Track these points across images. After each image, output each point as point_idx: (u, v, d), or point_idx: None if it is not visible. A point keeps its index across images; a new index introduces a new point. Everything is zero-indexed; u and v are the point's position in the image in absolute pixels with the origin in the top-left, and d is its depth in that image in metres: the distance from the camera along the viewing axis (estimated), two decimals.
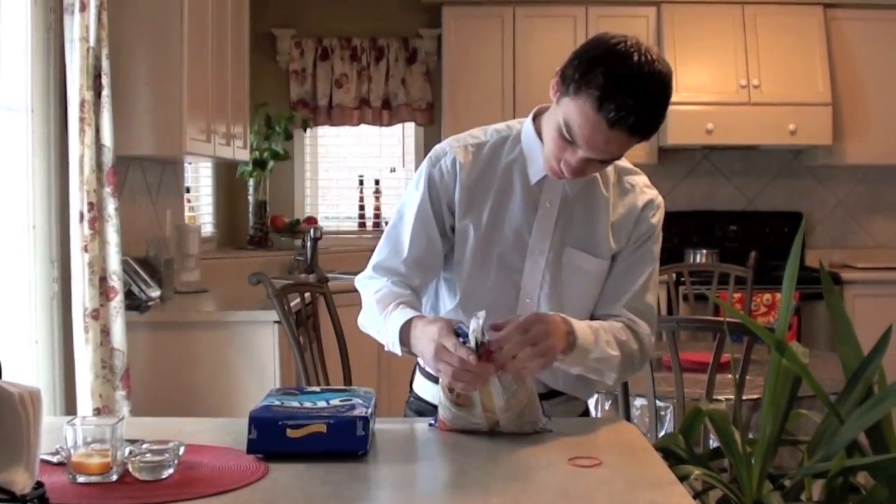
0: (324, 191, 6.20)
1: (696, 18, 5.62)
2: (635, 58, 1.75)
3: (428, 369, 2.06)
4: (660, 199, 2.07)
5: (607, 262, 2.01)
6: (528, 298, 2.00)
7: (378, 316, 1.95)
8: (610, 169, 2.02)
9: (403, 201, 2.07)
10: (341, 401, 1.75)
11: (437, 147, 2.06)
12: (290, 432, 1.63)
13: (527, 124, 2.01)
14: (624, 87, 1.73)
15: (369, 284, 2.05)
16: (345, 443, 1.64)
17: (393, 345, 1.89)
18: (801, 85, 5.51)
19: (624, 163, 2.06)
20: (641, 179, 2.07)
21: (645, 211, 2.02)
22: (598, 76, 1.75)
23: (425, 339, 1.78)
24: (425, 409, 2.09)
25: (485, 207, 2.00)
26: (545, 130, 1.93)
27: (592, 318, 2.00)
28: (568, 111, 1.80)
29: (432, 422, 1.86)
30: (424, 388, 2.16)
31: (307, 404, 1.72)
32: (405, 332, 1.86)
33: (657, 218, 2.04)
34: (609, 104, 1.73)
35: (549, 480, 1.55)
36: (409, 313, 1.88)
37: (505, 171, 2.00)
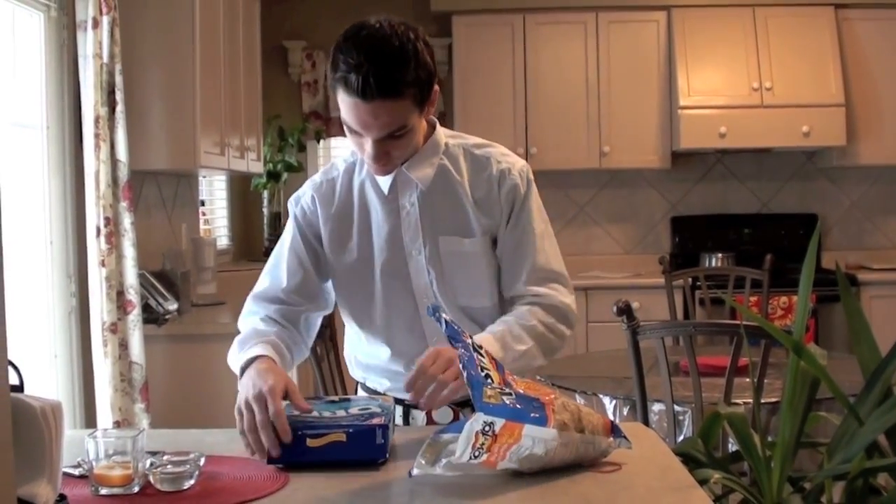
0: None
1: (706, 22, 5.61)
2: (362, 32, 1.83)
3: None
4: (520, 165, 2.06)
5: (482, 238, 2.02)
6: (425, 298, 2.03)
7: (237, 353, 1.93)
8: (458, 151, 2.06)
9: (280, 242, 2.15)
10: (359, 409, 1.75)
11: (298, 191, 2.14)
12: (309, 442, 1.63)
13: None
14: (356, 60, 1.79)
15: (243, 327, 2.07)
16: (364, 451, 1.64)
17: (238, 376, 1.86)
18: (814, 86, 5.49)
19: (473, 139, 2.10)
20: (495, 151, 2.08)
21: (504, 180, 2.03)
22: (337, 64, 1.82)
23: (257, 379, 1.74)
24: None
25: (352, 232, 2.06)
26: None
27: (502, 298, 2.05)
28: (340, 108, 1.87)
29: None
30: None
31: (326, 414, 1.73)
32: (245, 369, 1.83)
33: (523, 184, 2.04)
34: (351, 79, 1.79)
35: (569, 486, 1.54)
36: (260, 350, 1.87)
37: (359, 192, 2.06)
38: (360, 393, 2.20)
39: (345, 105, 1.85)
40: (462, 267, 2.03)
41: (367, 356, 2.15)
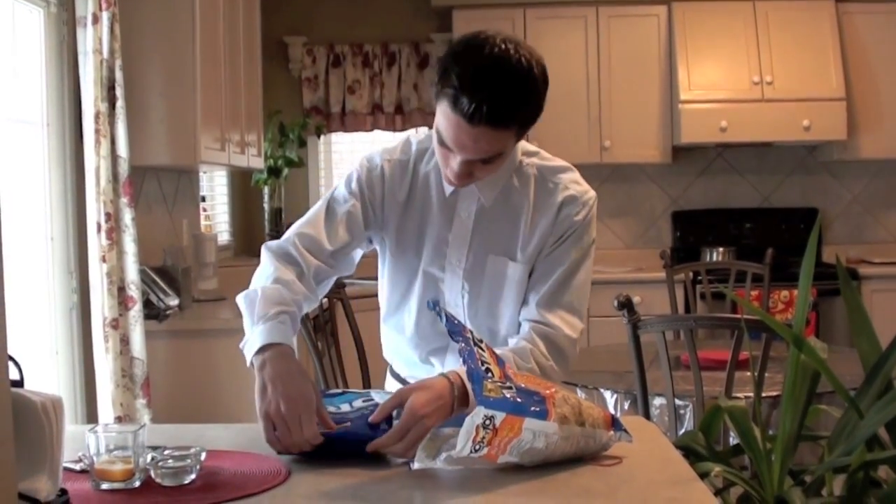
0: None
1: (707, 16, 5.61)
2: (486, 50, 1.73)
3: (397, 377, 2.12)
4: (588, 196, 1.97)
5: (524, 266, 1.96)
6: (454, 306, 2.00)
7: (253, 311, 1.82)
8: (531, 171, 1.99)
9: (336, 193, 2.05)
10: (363, 401, 1.76)
11: (369, 155, 2.06)
12: None
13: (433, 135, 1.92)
14: (473, 81, 1.70)
15: (273, 264, 1.93)
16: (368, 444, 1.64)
17: (246, 347, 1.78)
18: (815, 80, 5.49)
19: (552, 161, 2.02)
20: (567, 176, 1.99)
21: (565, 208, 1.95)
22: (450, 76, 1.72)
23: (289, 387, 1.67)
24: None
25: (408, 221, 2.01)
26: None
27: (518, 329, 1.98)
28: (437, 117, 1.79)
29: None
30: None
31: (331, 409, 1.73)
32: (265, 350, 1.74)
33: (581, 215, 1.95)
34: (462, 100, 1.70)
35: (570, 479, 1.55)
36: (282, 333, 1.77)
37: (423, 183, 2.01)
38: (388, 377, 2.20)
39: (445, 119, 1.75)
40: (498, 289, 1.98)
41: (391, 337, 2.14)
